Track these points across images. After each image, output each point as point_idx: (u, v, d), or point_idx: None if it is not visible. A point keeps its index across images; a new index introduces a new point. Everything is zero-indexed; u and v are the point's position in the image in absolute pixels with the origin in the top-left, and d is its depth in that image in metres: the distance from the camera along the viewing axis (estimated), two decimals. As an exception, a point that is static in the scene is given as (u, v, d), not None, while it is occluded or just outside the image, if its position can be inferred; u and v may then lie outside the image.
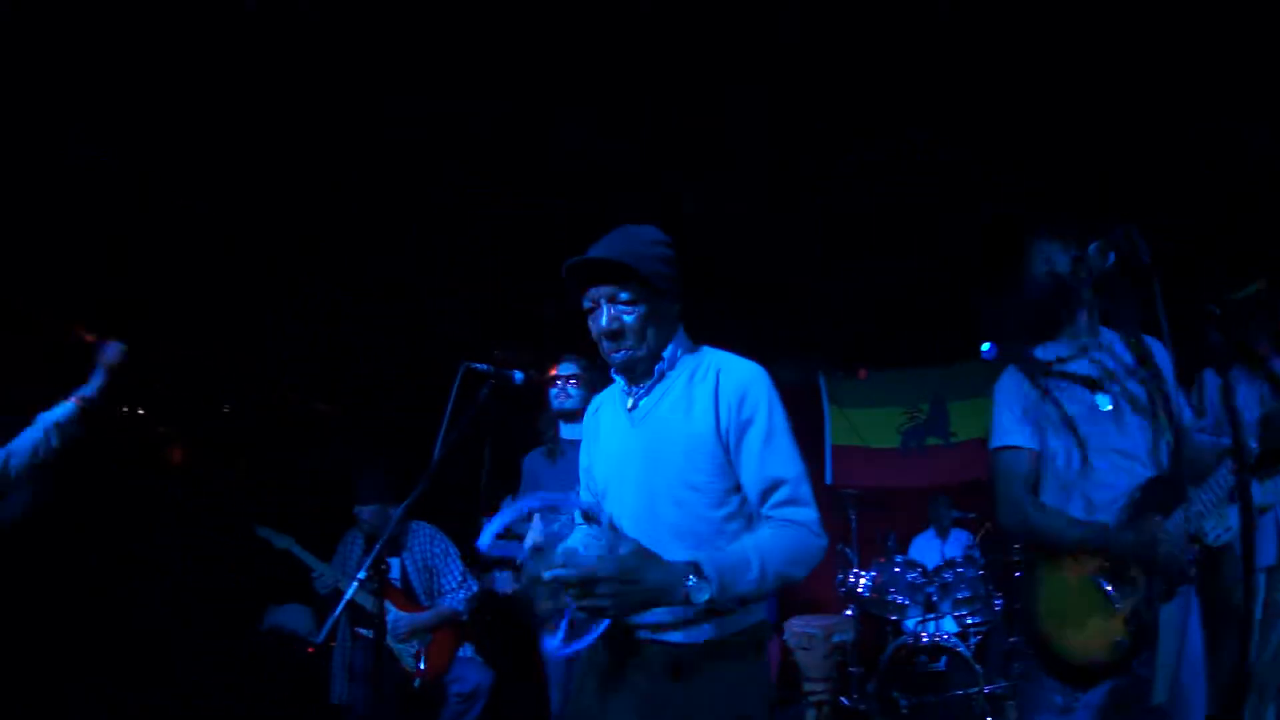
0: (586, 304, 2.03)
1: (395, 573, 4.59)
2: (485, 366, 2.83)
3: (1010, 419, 2.44)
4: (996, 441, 2.47)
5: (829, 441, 7.81)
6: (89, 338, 3.69)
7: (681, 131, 4.54)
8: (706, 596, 1.70)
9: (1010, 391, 2.47)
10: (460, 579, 4.66)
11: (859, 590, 5.61)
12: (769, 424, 1.94)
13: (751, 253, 6.10)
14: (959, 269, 6.26)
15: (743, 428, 1.93)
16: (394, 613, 4.38)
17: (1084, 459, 2.34)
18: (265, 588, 5.78)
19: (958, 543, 6.15)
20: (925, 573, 5.42)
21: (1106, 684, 2.24)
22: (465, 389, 2.82)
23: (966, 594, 5.20)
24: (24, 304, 4.61)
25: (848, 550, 5.96)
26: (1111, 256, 2.35)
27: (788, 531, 1.87)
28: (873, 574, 5.62)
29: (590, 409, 2.30)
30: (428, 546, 4.68)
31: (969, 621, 5.26)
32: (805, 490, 1.92)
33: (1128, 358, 2.45)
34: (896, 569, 5.54)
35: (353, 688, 4.39)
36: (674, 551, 1.79)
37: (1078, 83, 4.11)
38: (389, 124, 4.24)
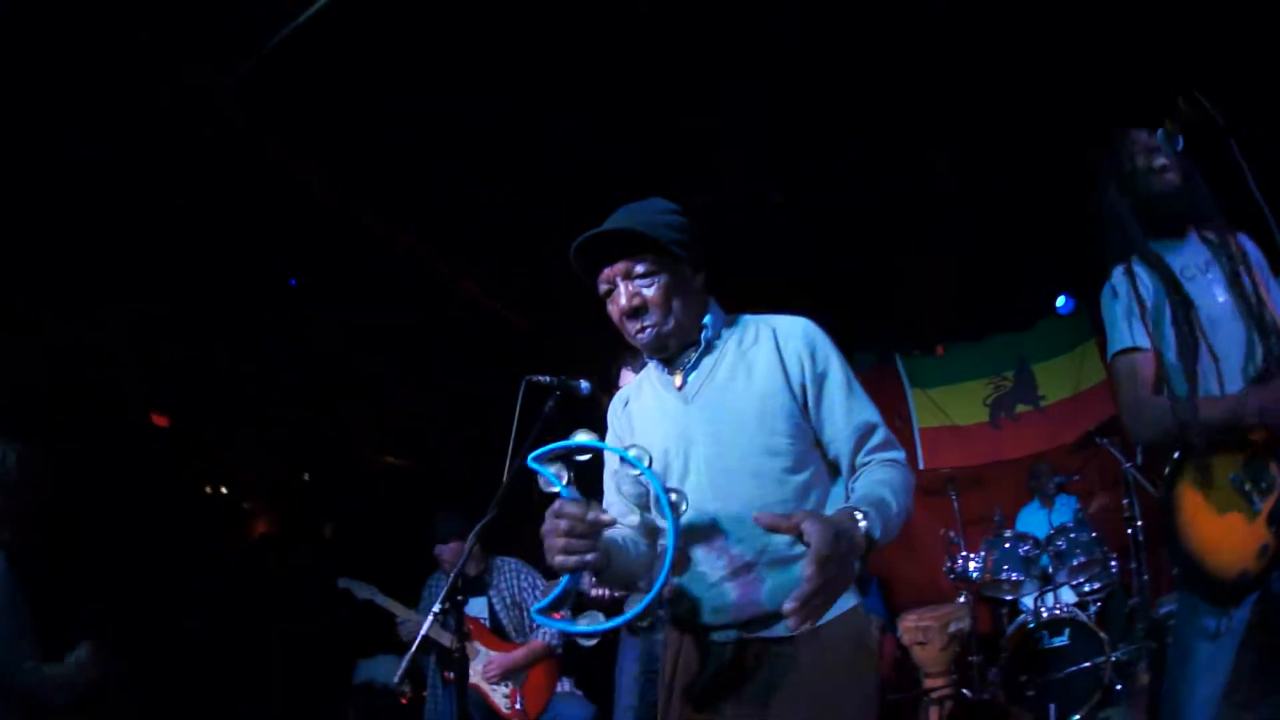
0: (602, 288, 1.88)
1: (483, 611, 4.49)
2: (548, 379, 2.72)
3: (1121, 322, 2.32)
4: (1112, 348, 2.36)
5: (915, 425, 7.48)
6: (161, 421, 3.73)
7: (718, 125, 4.53)
8: (879, 533, 1.55)
9: (1118, 294, 2.35)
10: (552, 612, 4.53)
11: (970, 573, 5.31)
12: (844, 372, 1.84)
13: (812, 243, 6.00)
14: (1024, 228, 6.05)
15: (820, 380, 1.81)
16: (483, 653, 4.29)
17: (1203, 349, 2.22)
18: (356, 642, 5.75)
19: (1065, 509, 5.78)
20: (1037, 544, 5.10)
21: (1250, 601, 2.08)
22: (530, 404, 2.75)
23: (1082, 559, 4.86)
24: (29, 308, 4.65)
25: (952, 534, 5.68)
26: (1181, 140, 2.18)
27: (895, 470, 1.76)
28: (982, 554, 5.32)
29: (616, 404, 2.10)
30: (514, 581, 4.57)
31: (1087, 589, 4.93)
32: (889, 431, 1.84)
33: (1226, 254, 2.31)
34: (1007, 545, 5.24)
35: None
36: (755, 530, 1.62)
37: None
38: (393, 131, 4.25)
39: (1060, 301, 6.68)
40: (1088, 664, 4.46)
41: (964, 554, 5.40)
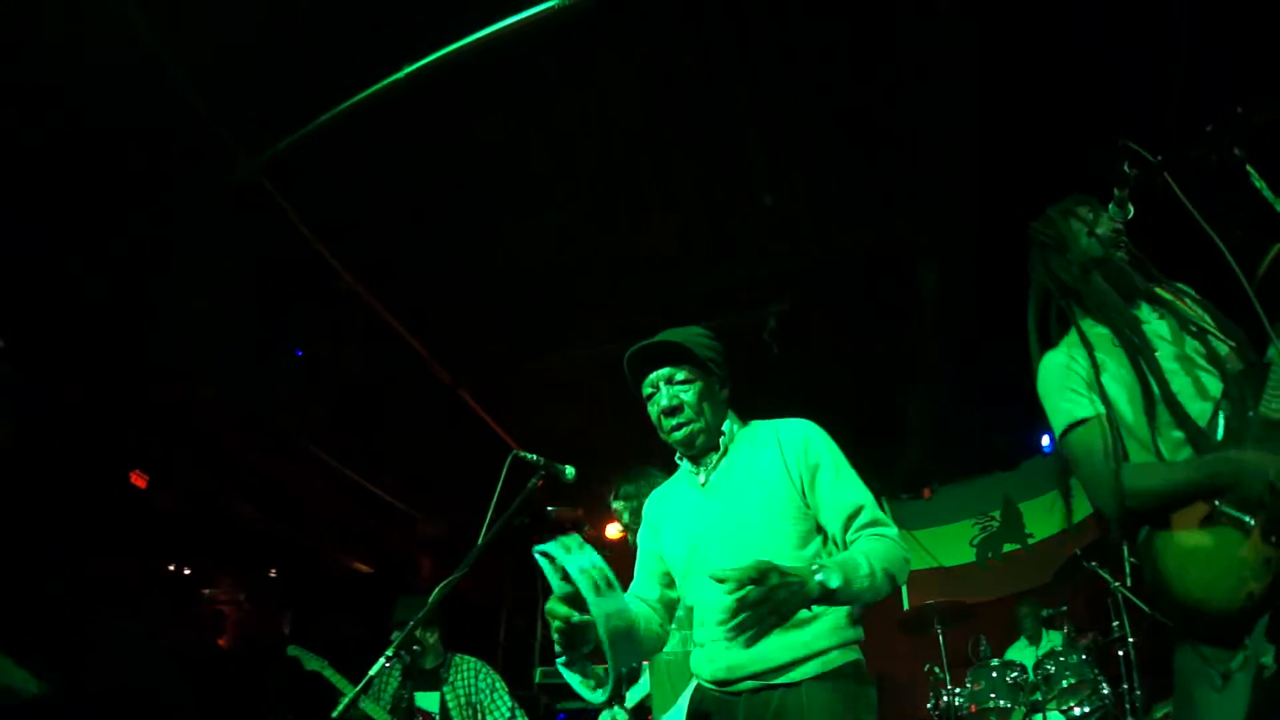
0: (646, 391, 2.27)
1: (435, 706, 4.25)
2: (535, 457, 2.73)
3: (1066, 398, 2.21)
4: (1061, 425, 2.21)
5: (902, 568, 7.30)
6: (140, 481, 3.66)
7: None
8: (836, 582, 1.80)
9: (1056, 371, 2.25)
10: (509, 715, 4.29)
11: (956, 707, 5.03)
12: (834, 461, 2.16)
13: (803, 393, 6.07)
14: (1008, 367, 6.15)
15: (813, 469, 2.14)
16: (429, 752, 4.02)
17: (1154, 402, 2.12)
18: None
19: (1051, 645, 5.58)
20: (1025, 670, 4.89)
21: (1261, 627, 1.96)
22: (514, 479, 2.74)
23: (1073, 680, 4.63)
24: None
25: (936, 669, 5.42)
26: (1130, 209, 2.23)
27: (882, 541, 2.02)
28: (968, 685, 5.07)
29: (650, 502, 2.44)
30: (472, 681, 4.36)
31: (1078, 713, 4.66)
32: (880, 512, 2.11)
33: (1187, 307, 2.28)
34: (994, 673, 5.01)
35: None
36: None
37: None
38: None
39: (1046, 441, 6.70)
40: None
41: (948, 689, 5.15)
